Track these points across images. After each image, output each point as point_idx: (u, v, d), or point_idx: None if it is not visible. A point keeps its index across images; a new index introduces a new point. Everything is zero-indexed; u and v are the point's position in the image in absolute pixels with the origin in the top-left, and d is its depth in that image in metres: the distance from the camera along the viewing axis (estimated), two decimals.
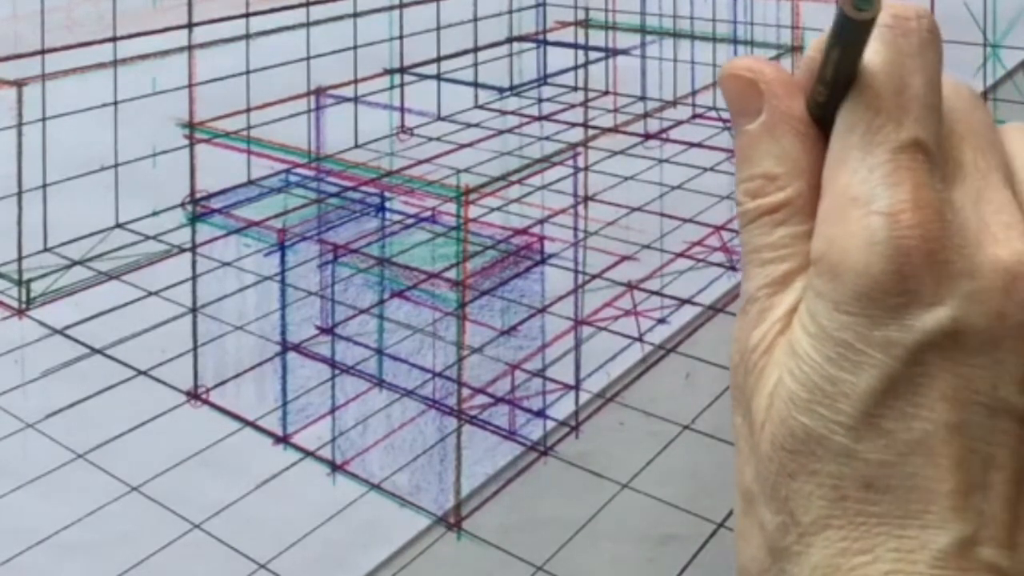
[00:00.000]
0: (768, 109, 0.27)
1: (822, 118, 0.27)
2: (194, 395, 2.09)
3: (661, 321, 2.52)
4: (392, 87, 3.18)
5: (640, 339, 2.43)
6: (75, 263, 2.44)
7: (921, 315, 0.24)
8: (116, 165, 2.57)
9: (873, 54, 0.26)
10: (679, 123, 3.41)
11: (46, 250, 2.46)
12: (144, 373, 2.14)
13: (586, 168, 2.87)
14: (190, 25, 2.67)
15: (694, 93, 3.61)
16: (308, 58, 2.86)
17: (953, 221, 0.25)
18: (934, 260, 0.25)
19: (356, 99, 3.00)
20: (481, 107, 3.41)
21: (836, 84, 0.26)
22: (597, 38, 3.70)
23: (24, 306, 2.34)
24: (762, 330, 0.27)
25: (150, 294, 2.37)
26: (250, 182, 2.59)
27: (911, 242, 0.25)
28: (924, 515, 0.24)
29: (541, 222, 2.55)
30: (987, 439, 0.24)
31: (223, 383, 2.16)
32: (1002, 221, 0.26)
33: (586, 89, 3.56)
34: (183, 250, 2.44)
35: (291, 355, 2.13)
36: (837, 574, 0.24)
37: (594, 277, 2.55)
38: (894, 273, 0.24)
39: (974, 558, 0.24)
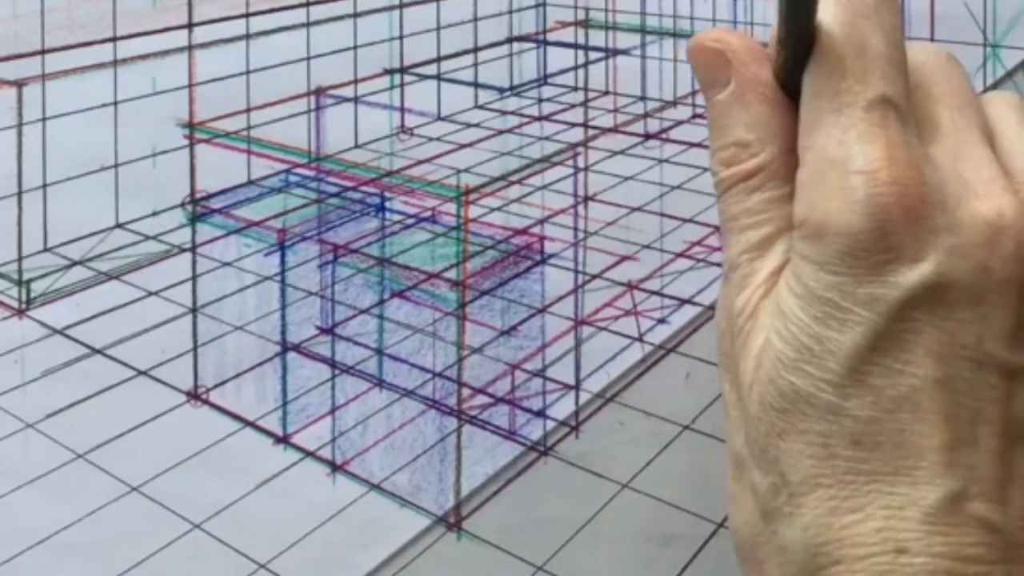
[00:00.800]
0: (736, 77, 0.27)
1: (789, 84, 0.27)
2: (194, 395, 2.09)
3: (661, 321, 2.52)
4: (392, 87, 3.18)
5: (640, 339, 2.43)
6: (75, 263, 2.44)
7: (904, 271, 0.24)
8: (116, 165, 2.57)
9: (831, 18, 0.26)
10: (679, 123, 3.41)
11: (46, 250, 2.46)
12: (144, 373, 2.14)
13: (586, 168, 2.87)
14: (190, 25, 2.67)
15: (694, 93, 3.60)
16: (308, 58, 2.86)
17: (932, 176, 0.25)
18: (915, 215, 0.25)
19: (356, 99, 3.00)
20: (481, 107, 3.41)
21: (795, 46, 0.26)
22: (597, 38, 3.70)
23: (24, 306, 2.34)
24: (745, 295, 0.27)
25: (150, 294, 2.37)
26: (250, 182, 2.59)
27: (890, 198, 0.25)
28: (913, 471, 0.24)
29: (541, 222, 2.55)
30: (974, 394, 0.24)
31: (223, 383, 2.16)
32: (982, 177, 0.26)
33: (586, 89, 3.55)
34: (183, 250, 2.44)
35: (291, 355, 2.13)
36: (828, 533, 0.24)
37: (594, 277, 2.55)
38: (875, 230, 0.25)
39: (965, 513, 0.24)
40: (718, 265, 2.34)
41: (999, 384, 0.25)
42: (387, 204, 2.47)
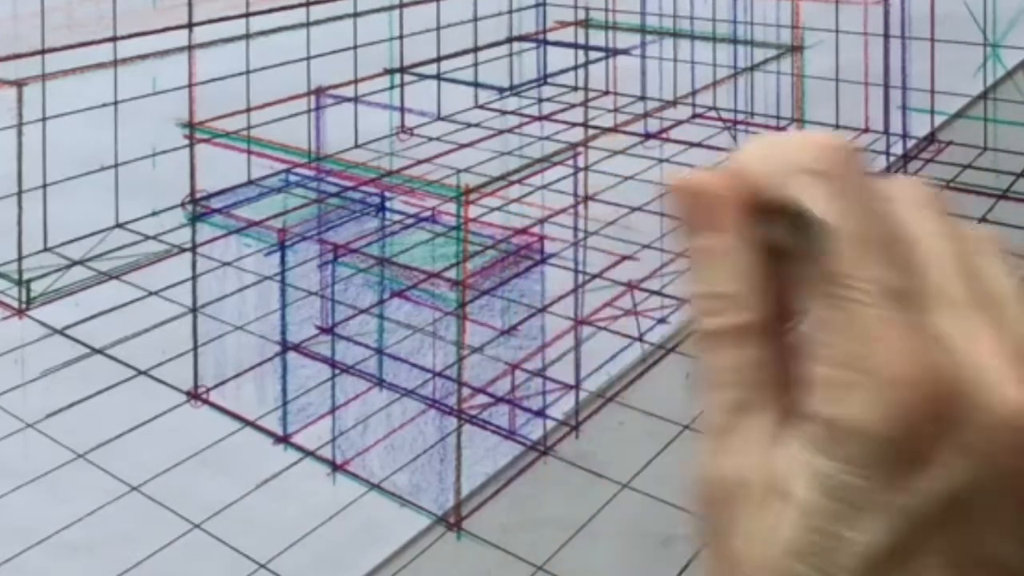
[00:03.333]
0: (734, 228, 0.27)
1: (780, 249, 0.26)
2: (194, 395, 2.09)
3: (661, 321, 2.52)
4: (392, 87, 3.18)
5: (640, 339, 2.43)
6: (75, 263, 2.44)
7: (926, 479, 0.24)
8: (116, 165, 2.57)
9: (831, 206, 0.26)
10: (679, 123, 3.40)
11: (46, 250, 2.46)
12: (144, 373, 2.14)
13: (586, 168, 2.87)
14: (190, 25, 2.67)
15: (694, 93, 3.60)
16: (308, 58, 2.86)
17: (948, 369, 0.25)
18: (936, 417, 0.24)
19: (356, 99, 3.00)
20: (481, 107, 3.41)
21: (794, 220, 0.26)
22: (597, 38, 3.70)
23: (24, 306, 2.34)
24: (731, 461, 0.26)
25: (150, 294, 2.37)
26: (250, 182, 2.59)
27: (912, 403, 0.24)
28: None
29: (541, 222, 2.55)
30: None
31: (223, 383, 2.16)
32: (993, 365, 0.25)
33: (586, 89, 3.55)
34: (183, 250, 2.44)
35: (291, 355, 2.13)
36: None
37: (594, 277, 2.55)
38: (899, 438, 0.24)
39: None
40: None
41: None
42: (387, 204, 2.47)
